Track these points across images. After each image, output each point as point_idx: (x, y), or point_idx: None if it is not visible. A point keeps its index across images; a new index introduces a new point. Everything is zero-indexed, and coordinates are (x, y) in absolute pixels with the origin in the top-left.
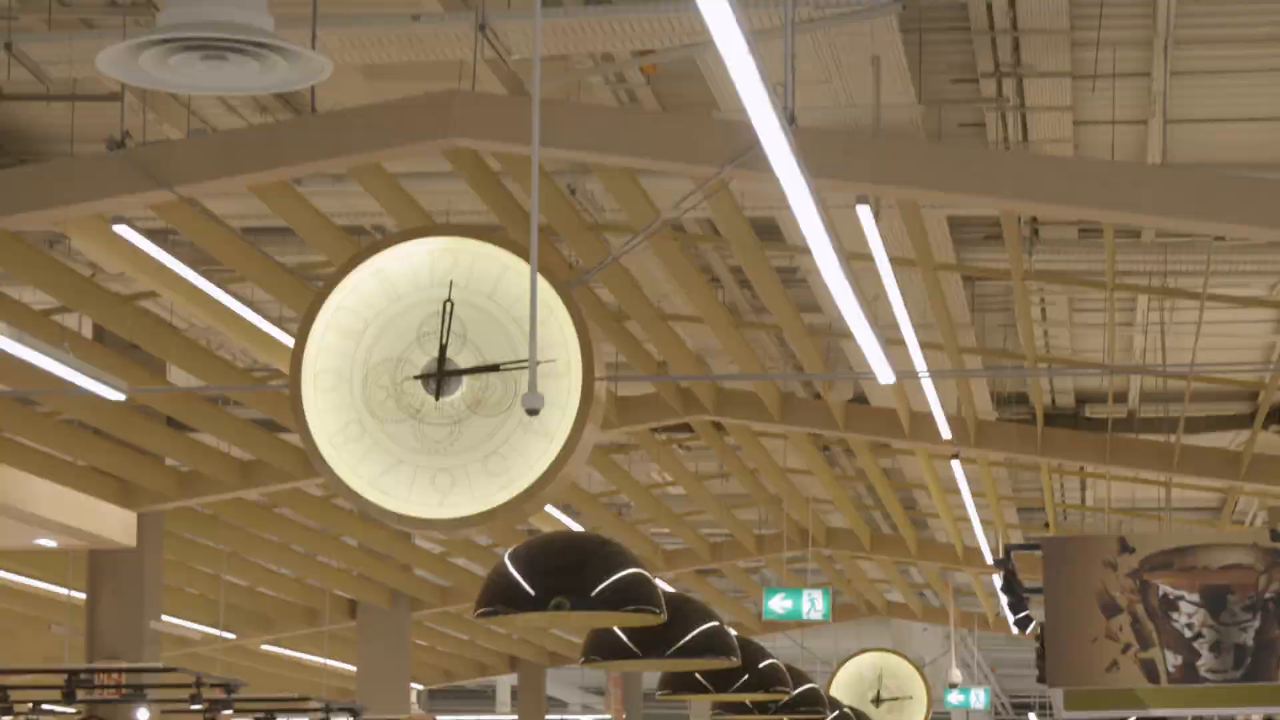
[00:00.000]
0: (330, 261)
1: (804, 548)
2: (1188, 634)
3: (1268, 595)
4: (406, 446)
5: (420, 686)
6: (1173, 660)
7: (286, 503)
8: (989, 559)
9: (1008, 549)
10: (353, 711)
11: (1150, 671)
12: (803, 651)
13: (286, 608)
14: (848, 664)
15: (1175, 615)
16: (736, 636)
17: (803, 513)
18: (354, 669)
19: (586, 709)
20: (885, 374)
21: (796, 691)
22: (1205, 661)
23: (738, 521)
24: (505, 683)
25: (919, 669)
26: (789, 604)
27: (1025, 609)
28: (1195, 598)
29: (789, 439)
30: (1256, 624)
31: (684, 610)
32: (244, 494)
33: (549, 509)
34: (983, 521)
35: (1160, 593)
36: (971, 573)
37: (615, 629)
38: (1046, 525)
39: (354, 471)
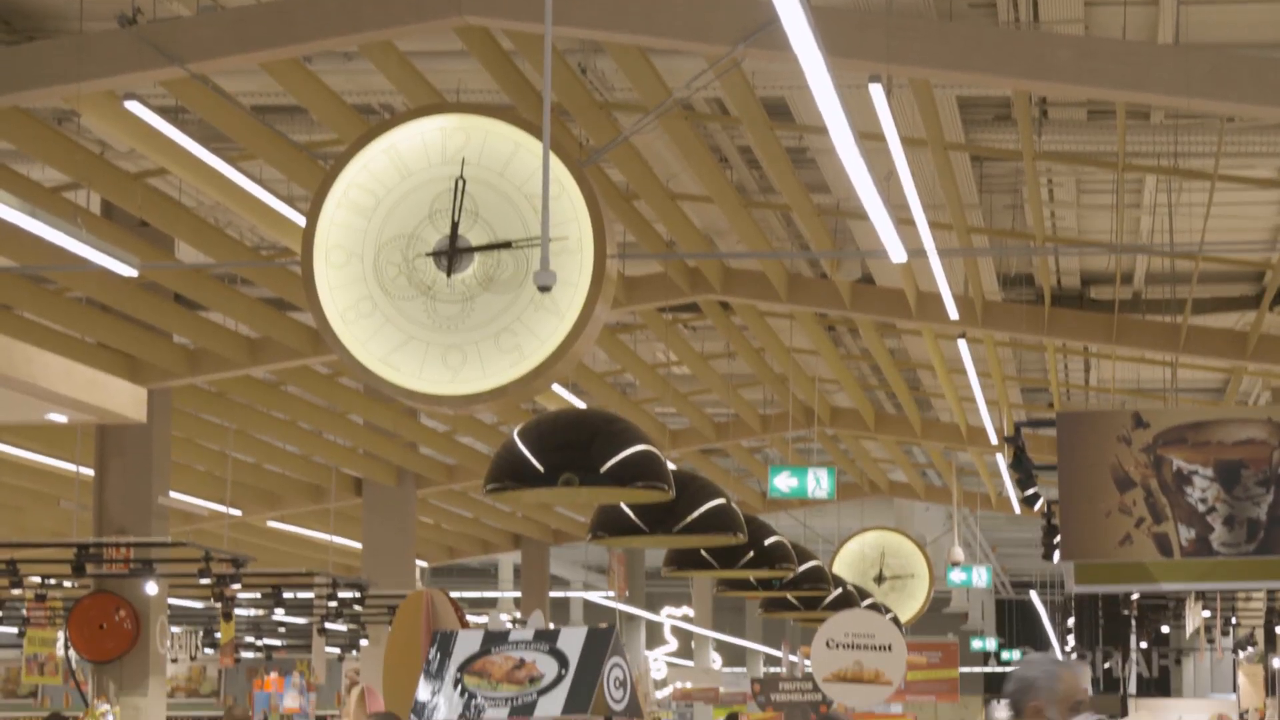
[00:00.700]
0: (340, 139)
1: (809, 427)
2: (1201, 508)
3: None
4: (418, 323)
5: (424, 564)
6: (1186, 534)
7: (293, 380)
8: (993, 439)
9: (1018, 426)
10: (359, 587)
11: (1163, 545)
12: (805, 530)
13: (293, 485)
14: (850, 542)
15: (1189, 490)
16: (742, 514)
17: (808, 392)
18: (359, 546)
19: (588, 587)
20: (897, 252)
21: (801, 569)
22: (1218, 535)
23: (743, 401)
24: (508, 560)
25: (921, 547)
26: (794, 482)
27: (1034, 486)
28: (1209, 472)
29: (795, 319)
30: (1270, 498)
31: (691, 487)
32: (251, 371)
33: (555, 387)
34: (987, 402)
35: (1174, 467)
36: (975, 452)
37: (622, 505)
38: (1050, 406)
39: (365, 348)
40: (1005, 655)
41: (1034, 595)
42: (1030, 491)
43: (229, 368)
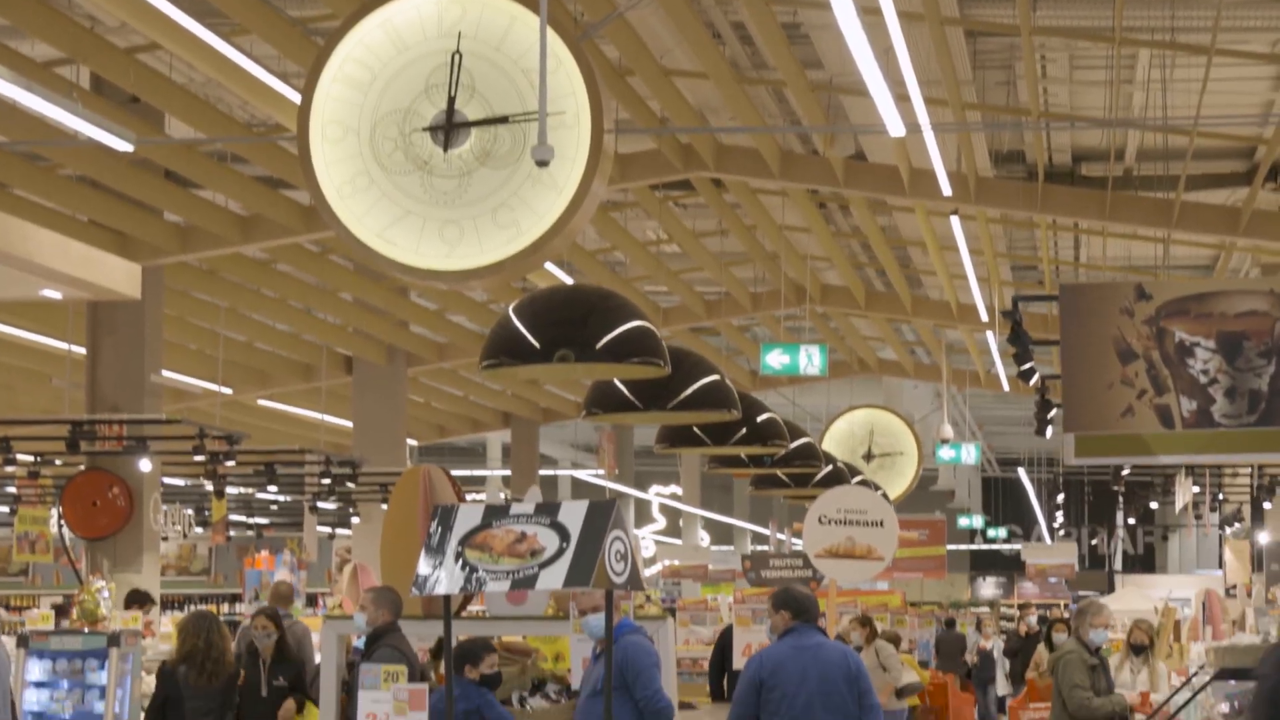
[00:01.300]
0: (334, 14)
1: (799, 305)
2: (1203, 379)
3: None
4: (415, 198)
5: (414, 442)
6: (1187, 406)
7: (285, 258)
8: (984, 316)
9: (1015, 300)
10: (352, 464)
11: (1165, 417)
12: (795, 409)
13: (283, 363)
14: (839, 420)
15: (1190, 361)
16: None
17: (799, 270)
18: (350, 424)
19: (576, 465)
20: (895, 126)
21: (792, 446)
22: (1219, 407)
23: (734, 279)
24: (496, 439)
25: (909, 425)
26: (786, 359)
27: (1030, 360)
28: (1211, 344)
29: (788, 196)
30: (1271, 370)
31: (685, 364)
32: (243, 249)
33: (547, 265)
34: (978, 279)
35: (1176, 339)
36: (965, 330)
37: (616, 382)
38: (1040, 284)
39: (361, 223)
40: (991, 533)
41: (1022, 473)
42: (1026, 366)
43: (220, 245)
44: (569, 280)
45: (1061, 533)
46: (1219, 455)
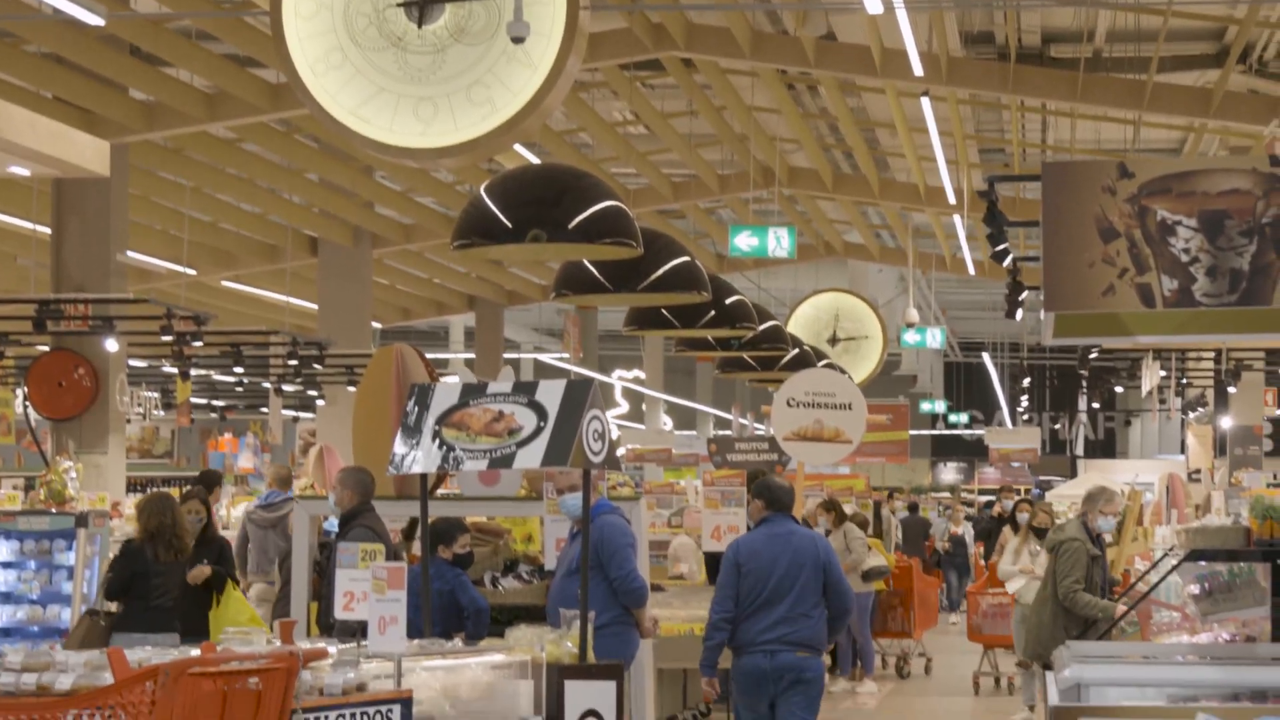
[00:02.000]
0: None
1: (767, 187)
2: (1184, 258)
3: (1265, 220)
4: (389, 75)
5: (377, 325)
6: (1168, 284)
7: (251, 137)
8: (951, 199)
9: (991, 180)
10: (319, 346)
11: (1146, 296)
12: (760, 293)
13: (248, 244)
14: (804, 304)
15: (1172, 240)
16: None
17: (768, 152)
18: (315, 307)
19: (539, 350)
20: (873, 2)
21: (760, 329)
22: (1201, 286)
23: (702, 161)
24: (459, 322)
25: (874, 309)
26: (754, 241)
27: (1005, 241)
28: (1193, 222)
29: (757, 77)
30: (1253, 249)
31: (656, 245)
32: (209, 128)
33: (515, 146)
34: (947, 162)
35: (1158, 217)
36: (932, 213)
37: (586, 262)
38: (1007, 166)
39: (335, 100)
40: (953, 418)
41: (986, 358)
42: (1000, 247)
43: (187, 123)
44: (537, 162)
45: (1025, 418)
46: (1197, 335)
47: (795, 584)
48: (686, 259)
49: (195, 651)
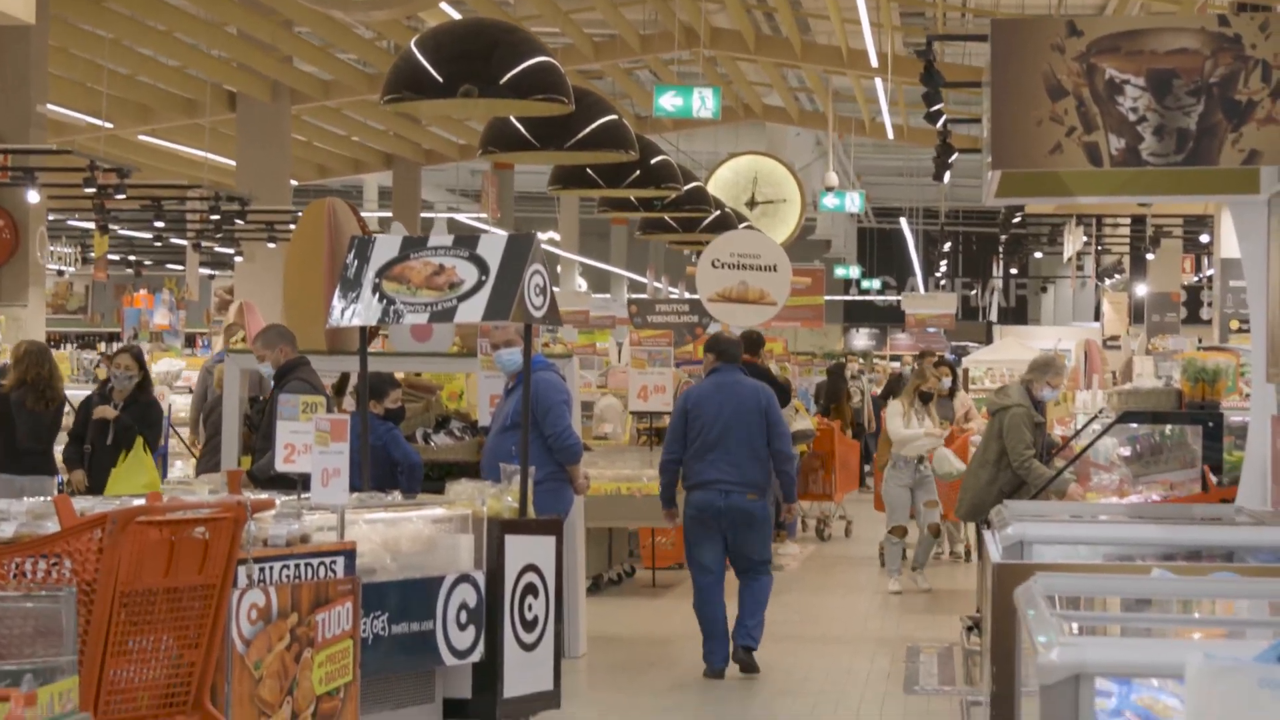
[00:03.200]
0: None
1: (689, 48)
2: (1132, 117)
3: (1212, 80)
4: None
5: (294, 182)
6: (1115, 144)
7: None
8: (874, 61)
9: (929, 39)
10: (241, 201)
11: (1093, 154)
12: (680, 156)
13: (167, 99)
14: (722, 167)
15: (1120, 99)
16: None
17: (690, 12)
18: (233, 163)
19: (453, 209)
20: None
21: (684, 189)
22: (1148, 145)
23: (624, 20)
24: (373, 181)
25: (793, 172)
26: (679, 101)
27: (940, 102)
28: (1141, 81)
29: None
30: (1200, 108)
31: (584, 103)
32: None
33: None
34: (871, 24)
35: (1106, 76)
36: (854, 76)
37: (513, 119)
38: (926, 30)
39: None
40: (866, 284)
41: (903, 223)
42: (935, 108)
43: None
44: (457, 16)
45: (942, 284)
46: (1139, 196)
47: (738, 427)
48: (614, 117)
49: (139, 501)
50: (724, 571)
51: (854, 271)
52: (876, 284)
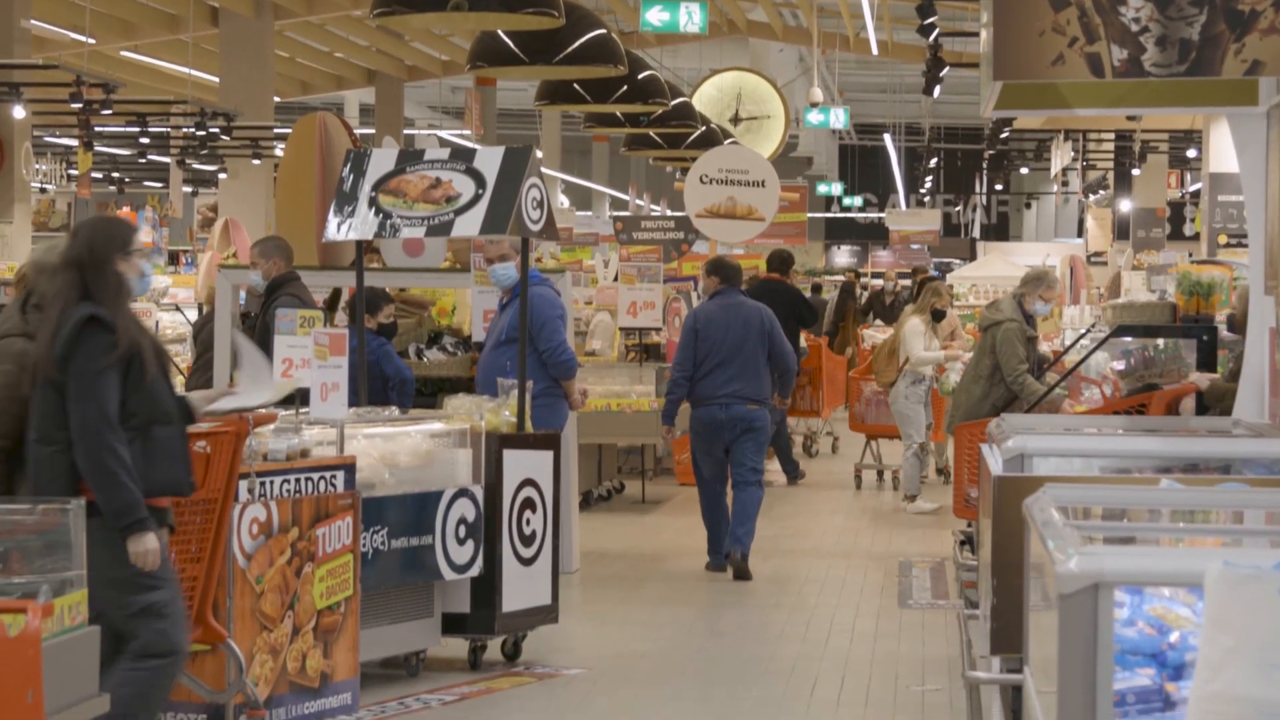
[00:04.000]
0: None
1: None
2: (1134, 28)
3: None
4: None
5: (276, 99)
6: (1118, 54)
7: None
8: None
9: None
10: (227, 116)
11: (1095, 65)
12: (663, 73)
13: (149, 13)
14: (706, 83)
15: (1122, 9)
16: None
17: None
18: (216, 80)
19: (433, 127)
20: None
21: (671, 105)
22: (1150, 56)
23: None
24: (354, 98)
25: (777, 88)
26: (666, 16)
27: (934, 15)
28: None
29: None
30: (1203, 19)
31: (573, 17)
32: None
33: None
34: None
35: None
36: None
37: (501, 34)
38: None
39: None
40: (847, 201)
41: (888, 139)
42: (929, 20)
43: None
44: None
45: (926, 200)
46: (1138, 108)
47: (744, 346)
48: (603, 31)
49: None
50: (726, 483)
51: (836, 188)
52: (858, 201)
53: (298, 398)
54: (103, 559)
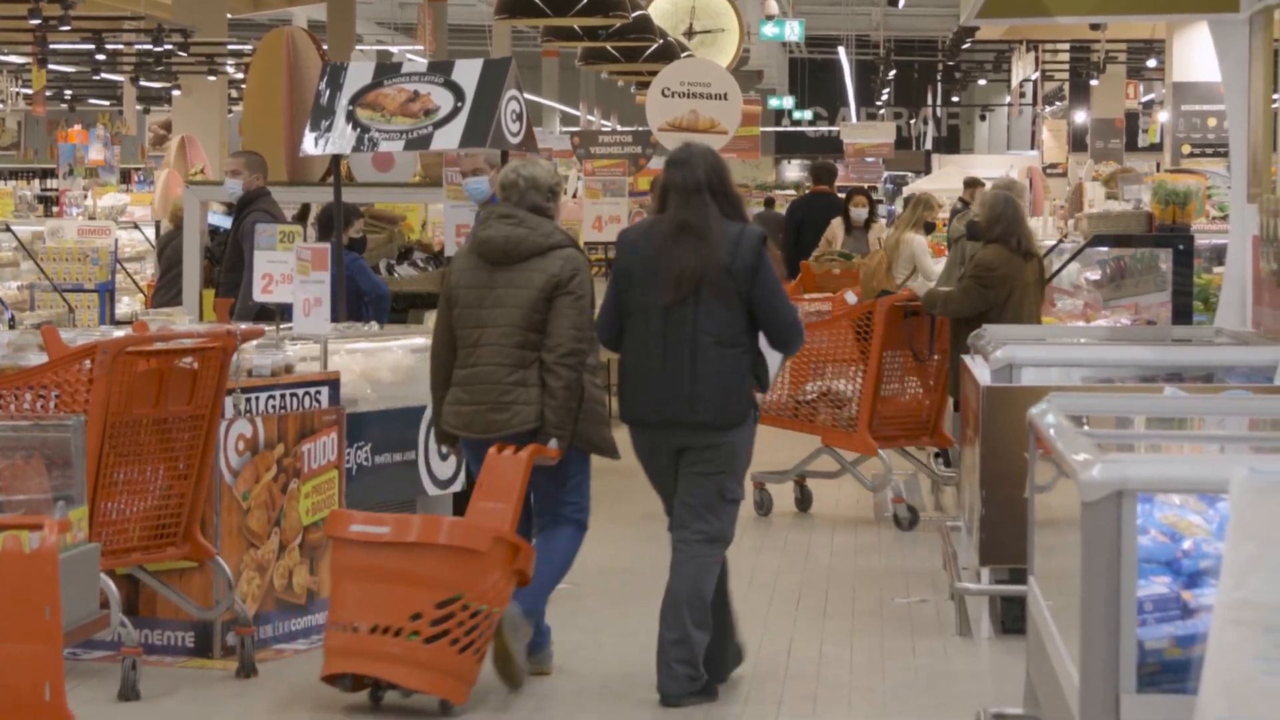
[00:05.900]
0: None
1: None
2: None
3: None
4: None
5: (231, 15)
6: None
7: None
8: None
9: None
10: (184, 32)
11: None
12: None
13: None
14: None
15: None
16: None
17: None
18: None
19: (381, 43)
20: None
21: (630, 18)
22: None
23: None
24: (301, 14)
25: (731, 1)
26: None
27: None
28: None
29: None
30: None
31: None
32: None
33: None
34: None
35: None
36: None
37: None
38: None
39: None
40: (798, 115)
41: (841, 52)
42: None
43: None
44: None
45: (881, 114)
46: (1120, 15)
47: None
48: None
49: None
50: None
51: (787, 102)
52: (808, 115)
53: (279, 312)
54: None
